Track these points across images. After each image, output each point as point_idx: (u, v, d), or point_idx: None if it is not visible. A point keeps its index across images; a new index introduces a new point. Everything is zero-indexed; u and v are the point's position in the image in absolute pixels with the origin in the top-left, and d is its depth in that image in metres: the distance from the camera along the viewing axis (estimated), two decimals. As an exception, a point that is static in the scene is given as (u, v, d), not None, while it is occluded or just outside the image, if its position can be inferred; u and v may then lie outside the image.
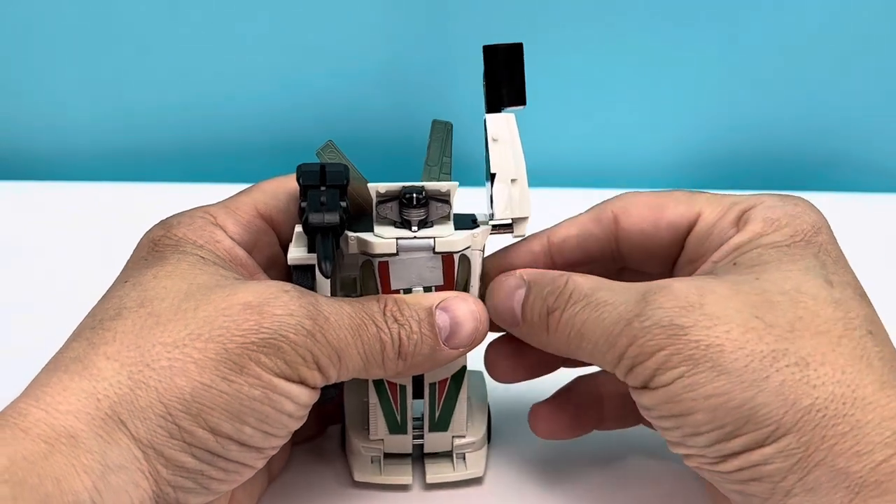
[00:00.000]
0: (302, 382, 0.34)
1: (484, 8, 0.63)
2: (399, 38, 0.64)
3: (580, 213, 0.42)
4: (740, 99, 0.67)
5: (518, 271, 0.40)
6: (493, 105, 0.40)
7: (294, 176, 0.38)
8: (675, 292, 0.35)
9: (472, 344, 0.39)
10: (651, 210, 0.40)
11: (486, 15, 0.63)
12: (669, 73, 0.66)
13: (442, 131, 0.39)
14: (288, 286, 0.35)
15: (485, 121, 0.39)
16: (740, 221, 0.38)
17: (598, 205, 0.41)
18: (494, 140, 0.39)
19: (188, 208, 0.40)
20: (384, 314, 0.37)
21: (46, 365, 0.34)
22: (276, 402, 0.34)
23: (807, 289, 0.34)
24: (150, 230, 0.39)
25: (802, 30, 0.64)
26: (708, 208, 0.39)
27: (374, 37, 0.64)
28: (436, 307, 0.37)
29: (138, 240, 0.39)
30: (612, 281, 0.37)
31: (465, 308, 0.38)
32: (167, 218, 0.39)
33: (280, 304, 0.34)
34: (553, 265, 0.41)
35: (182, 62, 0.65)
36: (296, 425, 0.36)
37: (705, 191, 0.40)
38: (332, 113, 0.67)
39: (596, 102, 0.67)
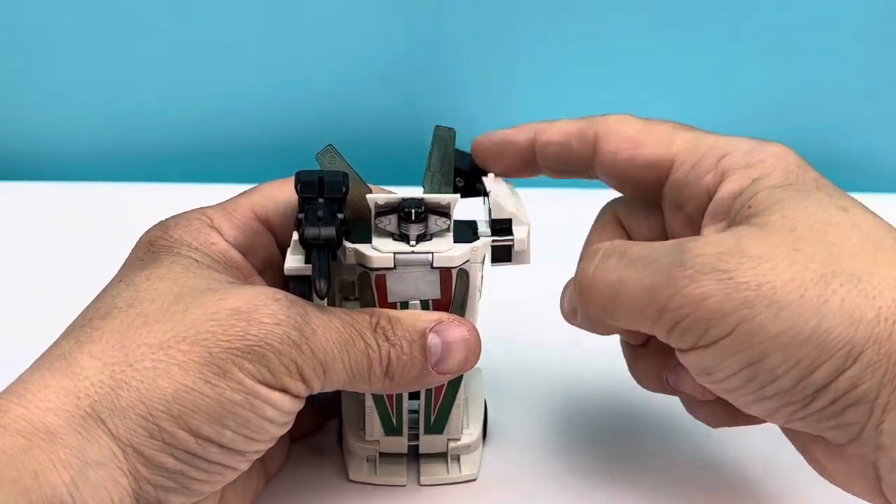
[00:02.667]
0: (284, 391, 0.34)
1: (485, 7, 0.63)
2: (400, 38, 0.64)
3: (572, 120, 0.41)
4: (741, 99, 0.67)
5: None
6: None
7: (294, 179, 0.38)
8: (712, 240, 0.34)
9: (461, 371, 0.38)
10: (629, 143, 0.39)
11: (487, 14, 0.63)
12: (670, 73, 0.66)
13: (444, 137, 0.39)
14: (280, 294, 0.35)
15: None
16: (718, 168, 0.37)
17: (586, 119, 0.41)
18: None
19: (188, 209, 0.40)
20: (374, 331, 0.36)
21: (34, 362, 0.34)
22: (258, 408, 0.34)
23: (828, 218, 0.34)
24: (147, 231, 0.39)
25: (804, 30, 0.64)
26: (684, 153, 0.38)
27: (374, 37, 0.64)
28: (429, 330, 0.37)
29: (137, 240, 0.39)
30: (638, 242, 0.36)
31: (458, 335, 0.37)
32: (165, 219, 0.39)
33: (268, 312, 0.34)
34: (534, 162, 0.41)
35: (182, 62, 0.65)
36: (280, 431, 0.35)
37: (690, 127, 0.39)
38: (332, 114, 0.67)
39: (596, 102, 0.67)
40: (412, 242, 0.37)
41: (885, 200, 0.66)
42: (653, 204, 0.40)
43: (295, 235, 0.37)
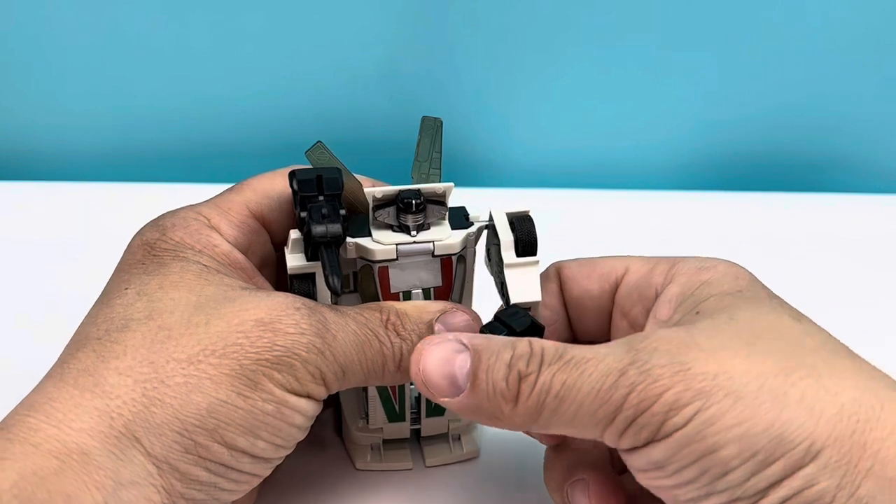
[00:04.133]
0: (309, 396, 0.35)
1: (483, 7, 0.63)
2: (400, 38, 0.64)
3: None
4: (740, 99, 0.67)
5: (450, 334, 0.35)
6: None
7: (282, 172, 0.39)
8: (662, 335, 0.32)
9: None
10: (584, 264, 0.40)
11: (485, 14, 0.63)
12: (670, 74, 0.66)
13: (431, 127, 0.39)
14: (298, 302, 0.35)
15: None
16: (669, 273, 0.37)
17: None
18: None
19: (177, 207, 0.40)
20: (386, 328, 0.37)
21: (51, 374, 0.34)
22: (288, 416, 0.35)
23: (780, 325, 0.33)
24: (142, 231, 0.39)
25: (802, 29, 0.64)
26: (636, 264, 0.39)
27: (374, 37, 0.65)
28: (435, 320, 0.38)
29: (130, 241, 0.39)
30: (572, 345, 0.33)
31: (462, 322, 0.38)
32: (158, 219, 0.39)
33: (292, 322, 0.35)
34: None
35: (182, 62, 0.65)
36: (302, 436, 0.36)
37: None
38: (330, 113, 0.67)
39: (596, 103, 0.67)
40: (413, 233, 0.38)
41: (885, 200, 0.67)
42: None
43: (293, 234, 0.38)
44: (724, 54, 0.65)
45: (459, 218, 0.39)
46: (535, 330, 0.36)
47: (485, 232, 0.40)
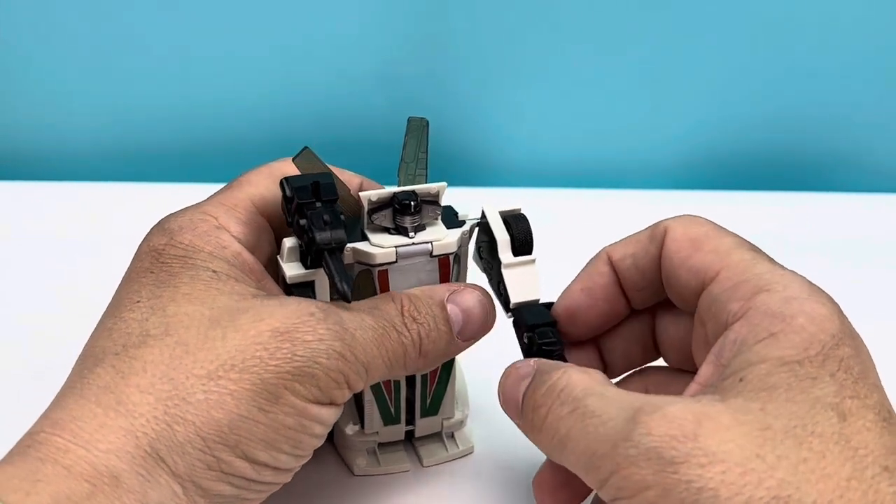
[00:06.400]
0: (331, 403, 0.35)
1: (482, 8, 0.63)
2: (399, 39, 0.64)
3: (643, 229, 0.39)
4: (740, 99, 0.67)
5: (532, 360, 0.36)
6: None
7: (278, 166, 0.38)
8: (670, 417, 0.30)
9: (482, 333, 0.39)
10: (690, 245, 0.36)
11: (484, 15, 0.63)
12: (670, 73, 0.66)
13: (418, 128, 0.40)
14: (312, 307, 0.35)
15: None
16: (749, 301, 0.33)
17: (656, 223, 0.38)
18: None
19: (182, 207, 0.39)
20: (402, 316, 0.37)
21: (70, 388, 0.33)
22: (309, 428, 0.34)
23: (814, 426, 0.30)
24: (149, 236, 0.38)
25: (803, 29, 0.64)
26: (731, 269, 0.35)
27: (374, 38, 0.65)
28: (446, 300, 0.38)
29: (138, 242, 0.38)
30: (608, 386, 0.33)
31: (473, 299, 0.38)
32: (165, 220, 0.38)
33: (309, 329, 0.34)
34: (617, 285, 0.39)
35: (182, 62, 0.65)
36: (320, 443, 0.36)
37: (756, 249, 0.36)
38: (328, 112, 0.67)
39: (596, 102, 0.67)
40: (411, 234, 0.38)
41: (885, 200, 0.67)
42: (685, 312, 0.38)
43: (287, 242, 0.37)
44: (724, 52, 0.65)
45: (450, 217, 0.39)
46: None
47: (475, 229, 0.40)
